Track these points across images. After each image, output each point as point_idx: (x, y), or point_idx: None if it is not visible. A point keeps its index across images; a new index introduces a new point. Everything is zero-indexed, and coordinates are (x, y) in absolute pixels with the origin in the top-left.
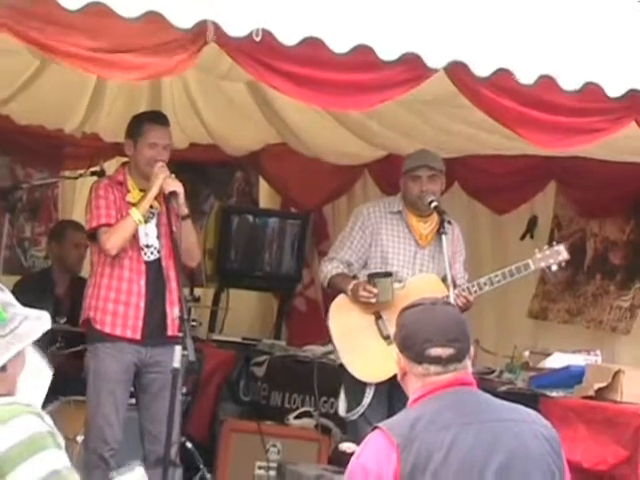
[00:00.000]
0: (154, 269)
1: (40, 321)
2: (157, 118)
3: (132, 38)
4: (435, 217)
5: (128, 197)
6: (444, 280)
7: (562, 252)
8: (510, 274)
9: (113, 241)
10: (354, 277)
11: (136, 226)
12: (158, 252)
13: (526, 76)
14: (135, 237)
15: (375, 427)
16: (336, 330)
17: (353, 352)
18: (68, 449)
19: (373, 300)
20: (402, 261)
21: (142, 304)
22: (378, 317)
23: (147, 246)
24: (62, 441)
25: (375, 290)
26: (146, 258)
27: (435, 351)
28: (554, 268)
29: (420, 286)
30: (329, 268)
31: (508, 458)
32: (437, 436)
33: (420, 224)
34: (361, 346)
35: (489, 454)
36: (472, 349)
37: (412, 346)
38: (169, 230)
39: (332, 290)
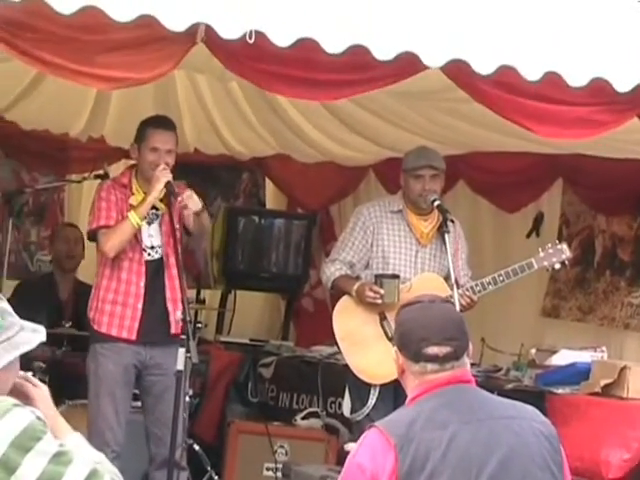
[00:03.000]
0: (155, 269)
1: (36, 333)
2: (160, 123)
3: (120, 44)
4: (436, 215)
5: (131, 199)
6: (447, 279)
7: (565, 250)
8: (514, 273)
9: (111, 243)
10: (357, 278)
11: (134, 229)
12: (159, 254)
13: (531, 73)
14: (137, 238)
15: (372, 426)
16: (340, 331)
17: (358, 353)
18: None
19: (379, 301)
20: (403, 260)
21: (139, 305)
22: (383, 318)
23: (152, 247)
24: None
25: (382, 291)
26: (150, 258)
27: (432, 350)
28: (557, 267)
29: (424, 286)
30: (332, 270)
31: (506, 455)
32: (434, 435)
33: (421, 222)
34: (366, 347)
35: (487, 452)
36: (471, 347)
37: (409, 344)
38: (171, 230)
39: (336, 292)
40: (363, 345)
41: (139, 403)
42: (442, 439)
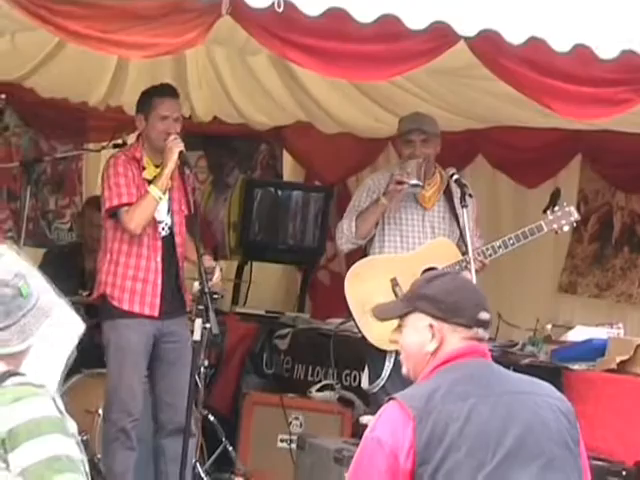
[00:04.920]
0: (167, 245)
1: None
2: (166, 91)
3: (144, 14)
4: (438, 179)
5: (144, 174)
6: (459, 241)
7: (573, 212)
8: (524, 236)
9: (137, 220)
10: (365, 250)
11: (157, 203)
12: (170, 228)
13: (560, 44)
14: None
15: (390, 398)
16: (353, 298)
17: (370, 320)
18: (87, 422)
19: (405, 183)
20: (412, 225)
21: (159, 281)
22: (395, 284)
23: (159, 222)
24: (73, 427)
25: (407, 169)
26: (164, 233)
27: (484, 315)
28: (566, 229)
29: (434, 251)
30: (346, 221)
31: (524, 430)
32: (453, 408)
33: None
34: None
35: (505, 427)
36: None
37: (464, 310)
38: (181, 206)
39: (363, 229)
40: None
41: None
42: (461, 412)
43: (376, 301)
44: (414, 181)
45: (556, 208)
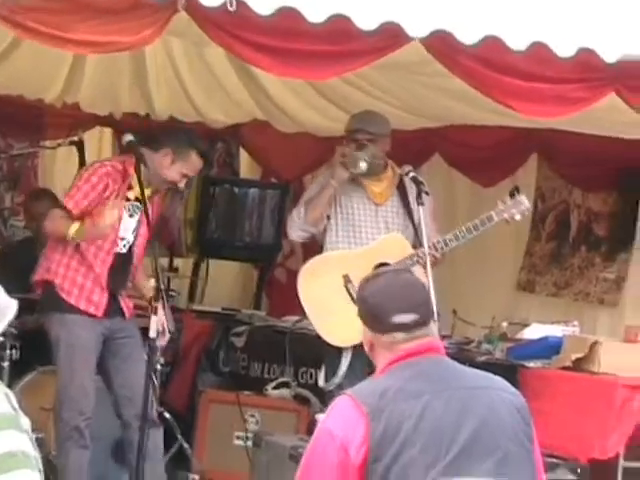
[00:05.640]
0: (122, 259)
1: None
2: (205, 153)
3: (98, 8)
4: (390, 174)
5: (129, 193)
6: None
7: (524, 201)
8: (475, 228)
9: (55, 231)
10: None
11: (66, 237)
12: (130, 246)
13: (517, 43)
14: (115, 228)
15: (343, 393)
16: (306, 296)
17: (324, 317)
18: (38, 422)
19: (346, 165)
20: (365, 220)
21: (105, 285)
22: (347, 281)
23: (122, 239)
24: (27, 423)
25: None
26: (118, 250)
27: (399, 318)
28: (517, 217)
29: (386, 247)
30: (295, 210)
31: (478, 426)
32: (407, 405)
33: (373, 183)
34: (332, 310)
35: (460, 421)
36: (435, 315)
37: (376, 317)
38: (147, 228)
39: (312, 214)
40: (329, 309)
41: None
42: (414, 409)
43: (329, 299)
44: (352, 165)
45: (507, 198)
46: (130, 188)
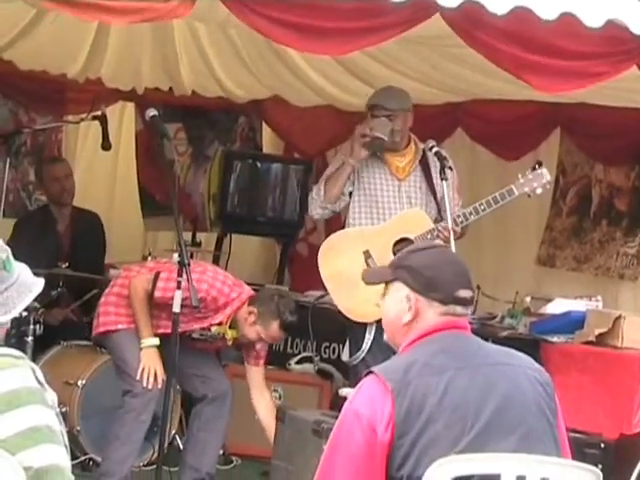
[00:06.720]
0: None
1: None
2: (287, 325)
3: None
4: (412, 149)
5: (228, 333)
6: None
7: (545, 175)
8: (495, 201)
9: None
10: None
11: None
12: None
13: (547, 13)
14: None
15: (369, 372)
16: (327, 272)
17: (345, 293)
18: (67, 394)
19: (367, 136)
20: (387, 196)
21: None
22: (368, 256)
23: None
24: (53, 397)
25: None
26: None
27: (463, 292)
28: (539, 191)
29: (406, 222)
30: (315, 188)
31: (502, 401)
32: (431, 380)
33: (396, 158)
34: (353, 286)
35: (483, 397)
36: None
37: (440, 287)
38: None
39: (331, 192)
40: (350, 284)
41: None
42: (439, 384)
43: (350, 273)
44: (377, 134)
45: (528, 171)
46: (220, 323)
